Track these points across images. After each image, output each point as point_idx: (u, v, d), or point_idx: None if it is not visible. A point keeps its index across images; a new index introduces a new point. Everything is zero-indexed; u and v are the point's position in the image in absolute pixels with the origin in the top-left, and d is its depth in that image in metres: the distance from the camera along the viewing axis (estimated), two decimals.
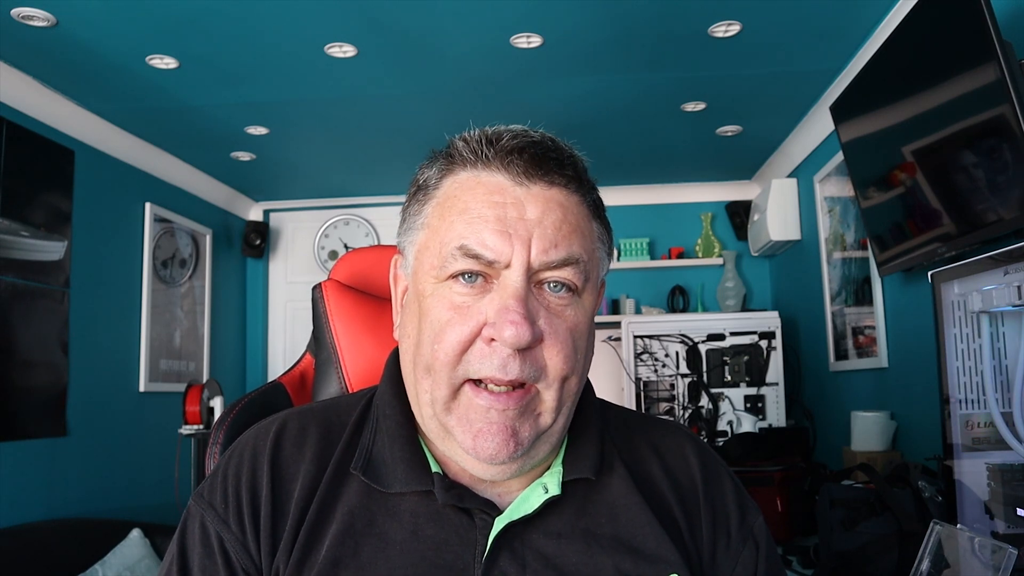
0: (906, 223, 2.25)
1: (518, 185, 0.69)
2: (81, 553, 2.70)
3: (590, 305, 0.73)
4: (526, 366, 0.67)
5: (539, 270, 0.68)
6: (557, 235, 0.68)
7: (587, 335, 0.72)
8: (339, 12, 2.35)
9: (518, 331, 0.65)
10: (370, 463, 0.74)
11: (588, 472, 0.74)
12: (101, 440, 3.22)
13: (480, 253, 0.67)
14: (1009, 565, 0.97)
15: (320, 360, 1.04)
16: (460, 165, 0.72)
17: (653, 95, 3.06)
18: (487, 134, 0.72)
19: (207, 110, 3.13)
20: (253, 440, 0.76)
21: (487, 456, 0.67)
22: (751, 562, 0.77)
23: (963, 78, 1.79)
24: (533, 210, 0.68)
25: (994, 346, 1.46)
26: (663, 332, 3.59)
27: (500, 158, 0.70)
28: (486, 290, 0.68)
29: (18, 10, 2.27)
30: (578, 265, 0.69)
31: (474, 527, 0.71)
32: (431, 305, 0.70)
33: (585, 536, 0.72)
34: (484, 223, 0.68)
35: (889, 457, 2.56)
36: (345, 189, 4.40)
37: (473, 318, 0.67)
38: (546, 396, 0.69)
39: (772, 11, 2.38)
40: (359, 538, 0.70)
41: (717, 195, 4.45)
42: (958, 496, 1.52)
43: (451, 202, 0.71)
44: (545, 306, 0.69)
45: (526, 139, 0.70)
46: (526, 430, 0.68)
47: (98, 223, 3.27)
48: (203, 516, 0.72)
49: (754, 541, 0.78)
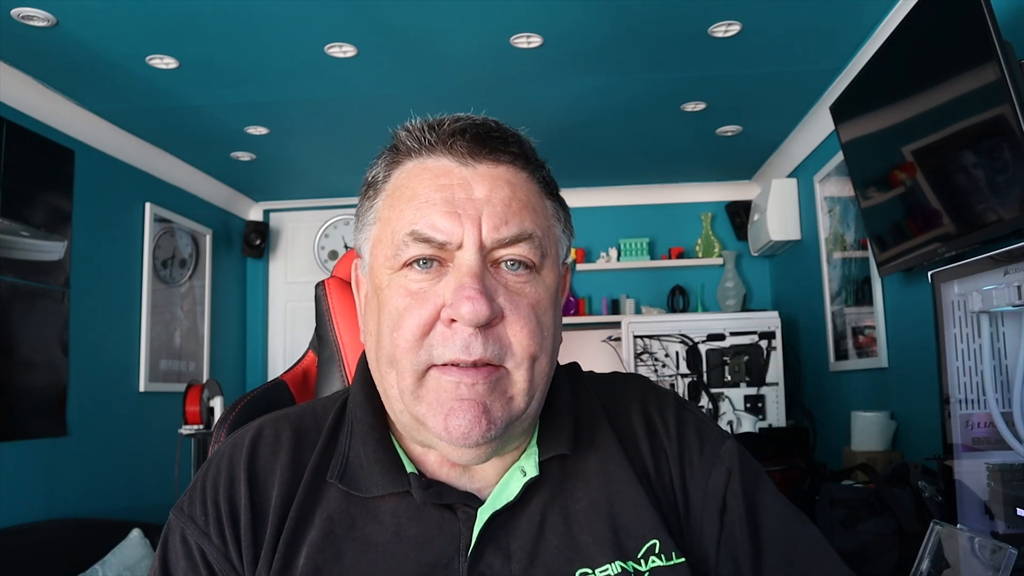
0: (906, 223, 2.25)
1: (464, 166, 0.69)
2: (81, 553, 2.70)
3: (552, 282, 0.71)
4: (489, 344, 0.65)
5: (492, 248, 0.67)
6: (507, 212, 0.68)
7: (551, 313, 0.70)
8: (339, 12, 2.35)
9: (475, 307, 0.63)
10: (347, 469, 0.73)
11: (564, 448, 0.73)
12: (101, 440, 3.22)
13: (431, 236, 0.66)
14: (1009, 565, 0.97)
15: (323, 358, 1.04)
16: (405, 155, 0.72)
17: (653, 95, 3.06)
18: (428, 122, 0.71)
19: (207, 110, 3.13)
20: (230, 450, 0.75)
21: (460, 435, 0.65)
22: (721, 483, 0.74)
23: (963, 78, 1.79)
24: (481, 189, 0.68)
25: (994, 346, 1.46)
26: (663, 332, 3.59)
27: (443, 141, 0.69)
28: (441, 274, 0.67)
29: (18, 10, 2.27)
30: (532, 240, 0.68)
31: (457, 521, 0.70)
32: (388, 296, 0.69)
33: (564, 515, 0.71)
34: (432, 206, 0.67)
35: (889, 457, 2.56)
36: (345, 189, 4.40)
37: (430, 301, 0.66)
38: (517, 377, 0.67)
39: (772, 11, 2.38)
40: (340, 543, 0.69)
41: (717, 195, 4.45)
42: (958, 496, 1.52)
43: (399, 192, 0.70)
44: (504, 284, 0.67)
45: (468, 121, 0.70)
46: (498, 409, 0.66)
47: (98, 223, 3.27)
48: (183, 530, 0.72)
49: (723, 464, 0.75)
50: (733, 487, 0.74)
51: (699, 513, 0.74)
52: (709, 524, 0.73)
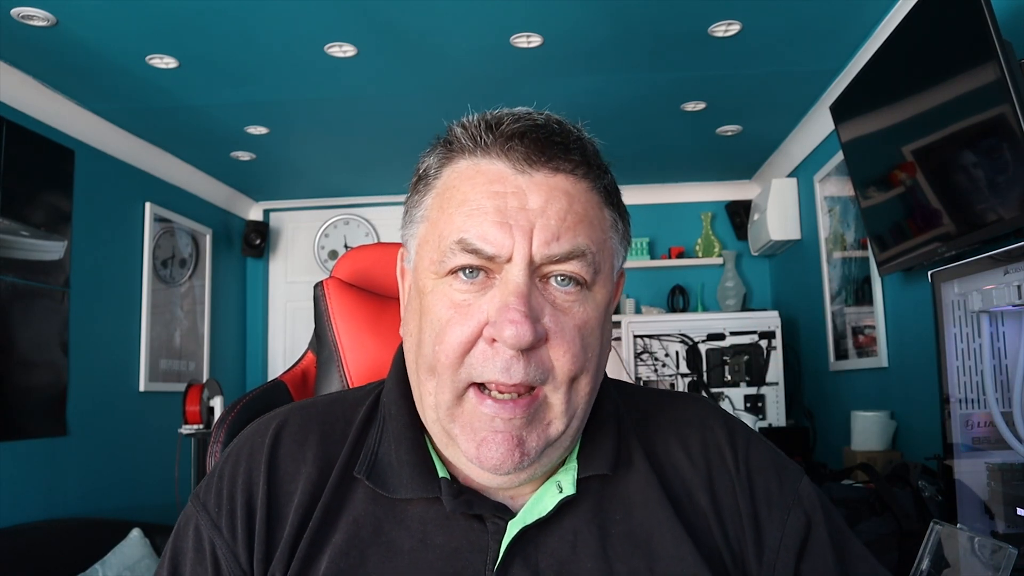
0: (906, 223, 2.25)
1: (519, 173, 0.65)
2: (81, 553, 2.70)
3: (603, 299, 0.67)
4: (531, 368, 0.62)
5: (542, 264, 0.63)
6: (561, 226, 0.64)
7: (599, 331, 0.67)
8: (339, 12, 2.35)
9: (518, 330, 0.60)
10: (375, 467, 0.70)
11: (604, 468, 0.70)
12: (101, 440, 3.22)
13: (479, 247, 0.63)
14: (1009, 565, 0.97)
15: (322, 358, 1.04)
16: (459, 153, 0.68)
17: (653, 95, 3.06)
18: (487, 119, 0.67)
19: (207, 110, 3.13)
20: (251, 438, 0.73)
21: (491, 466, 0.63)
22: (801, 529, 0.70)
23: (963, 78, 1.79)
24: (536, 199, 0.64)
25: (994, 346, 1.46)
26: (663, 332, 3.59)
27: (500, 144, 0.65)
28: (487, 286, 0.64)
29: (18, 10, 2.27)
30: (585, 258, 0.64)
31: (486, 533, 0.67)
32: (431, 303, 0.66)
33: (600, 537, 0.68)
34: (483, 215, 0.63)
35: (889, 457, 2.56)
36: (345, 189, 4.41)
37: (474, 317, 0.63)
38: (554, 400, 0.64)
39: (772, 11, 2.38)
40: (365, 547, 0.66)
41: (717, 195, 4.45)
42: (958, 496, 1.52)
43: (450, 193, 0.67)
44: (551, 302, 0.64)
45: (528, 122, 0.66)
46: (533, 440, 0.64)
47: (98, 223, 3.27)
48: (197, 519, 0.70)
49: (801, 506, 0.71)
50: (817, 533, 0.71)
51: (774, 554, 0.70)
52: (784, 568, 0.70)
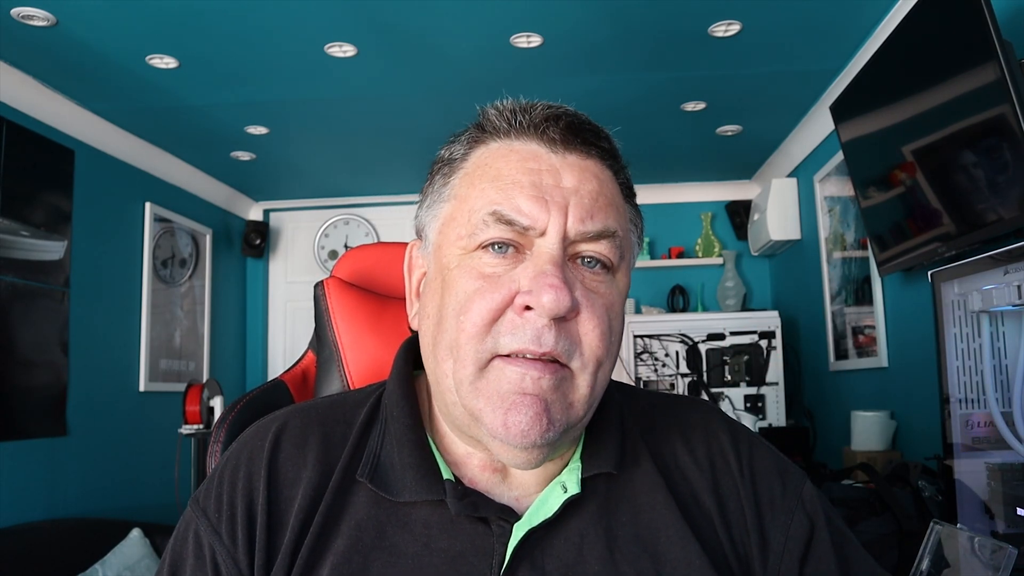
0: (906, 223, 2.25)
1: (553, 153, 0.66)
2: (81, 553, 2.70)
3: (624, 288, 0.68)
4: (561, 338, 0.62)
5: (575, 240, 0.64)
6: (594, 205, 0.65)
7: (620, 318, 0.67)
8: (339, 12, 2.35)
9: (558, 295, 0.60)
10: (378, 469, 0.69)
11: (609, 466, 0.69)
12: (101, 440, 3.22)
13: (514, 219, 0.63)
14: (1009, 565, 0.97)
15: (322, 358, 1.04)
16: (491, 135, 0.68)
17: (653, 95, 3.06)
18: (520, 104, 0.69)
19: (207, 110, 3.13)
20: (251, 441, 0.72)
21: (518, 432, 0.61)
22: (804, 532, 0.70)
23: (963, 78, 1.79)
24: (570, 178, 0.65)
25: (994, 346, 1.46)
26: (663, 332, 3.60)
27: (535, 125, 0.67)
28: (518, 260, 0.64)
29: (18, 10, 2.27)
30: (614, 239, 0.65)
31: (491, 536, 0.66)
32: (456, 277, 0.65)
33: (607, 539, 0.67)
34: (519, 188, 0.64)
35: (889, 457, 2.56)
36: (345, 189, 4.41)
37: (504, 286, 0.62)
38: (580, 381, 0.64)
39: (772, 11, 2.38)
40: (368, 552, 0.65)
41: (717, 195, 4.45)
42: (958, 496, 1.52)
43: (482, 170, 0.67)
44: (580, 280, 0.64)
45: (561, 110, 0.68)
46: (558, 412, 0.63)
47: (98, 223, 3.27)
48: (197, 524, 0.69)
49: (804, 510, 0.71)
50: (820, 537, 0.71)
51: (777, 557, 0.70)
52: (788, 571, 0.70)
